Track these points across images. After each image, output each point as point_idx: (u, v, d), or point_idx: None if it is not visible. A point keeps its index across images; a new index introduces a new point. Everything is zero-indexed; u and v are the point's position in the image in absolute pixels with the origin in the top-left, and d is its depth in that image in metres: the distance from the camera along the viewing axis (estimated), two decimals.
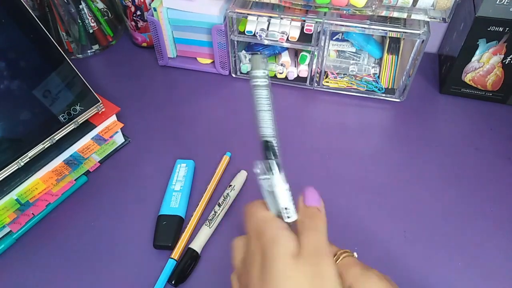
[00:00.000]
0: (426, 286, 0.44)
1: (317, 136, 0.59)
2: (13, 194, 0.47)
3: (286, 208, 0.29)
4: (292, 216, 0.30)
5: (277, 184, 0.29)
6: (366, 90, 0.64)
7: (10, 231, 0.48)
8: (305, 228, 0.29)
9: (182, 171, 0.53)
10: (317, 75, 0.64)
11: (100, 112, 0.53)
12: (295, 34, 0.59)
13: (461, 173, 0.54)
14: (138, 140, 0.59)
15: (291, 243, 0.28)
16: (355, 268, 0.30)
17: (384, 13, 0.54)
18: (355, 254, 0.32)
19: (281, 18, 0.59)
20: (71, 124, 0.50)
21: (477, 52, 0.58)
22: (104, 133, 0.53)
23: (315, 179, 0.53)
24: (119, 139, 0.57)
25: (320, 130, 0.60)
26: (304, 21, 0.58)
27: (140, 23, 0.70)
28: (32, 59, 0.47)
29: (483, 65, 0.59)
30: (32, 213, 0.48)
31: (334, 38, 0.64)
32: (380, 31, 0.56)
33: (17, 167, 0.46)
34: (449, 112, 0.63)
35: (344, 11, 0.55)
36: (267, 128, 0.27)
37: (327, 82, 0.65)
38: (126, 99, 0.64)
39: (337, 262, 0.31)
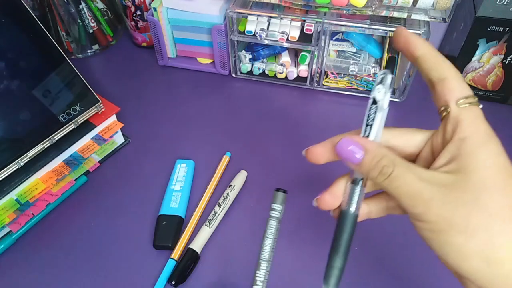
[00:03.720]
0: (426, 286, 0.44)
1: (317, 136, 0.58)
2: (13, 194, 0.47)
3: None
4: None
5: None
6: (366, 90, 0.64)
7: (10, 231, 0.48)
8: None
9: (182, 171, 0.53)
10: (317, 75, 0.64)
11: (100, 112, 0.53)
12: (295, 34, 0.59)
13: None
14: (138, 140, 0.59)
15: None
16: None
17: (384, 13, 0.54)
18: None
19: (281, 18, 0.59)
20: (71, 124, 0.50)
21: (477, 52, 0.58)
22: (104, 133, 0.53)
23: (315, 179, 0.53)
24: (119, 139, 0.57)
25: (320, 130, 0.60)
26: (304, 21, 0.58)
27: (140, 23, 0.70)
28: (32, 59, 0.47)
29: (483, 65, 0.59)
30: (32, 213, 0.48)
31: (334, 38, 0.64)
32: (380, 31, 0.56)
33: (17, 167, 0.46)
34: None
35: (344, 11, 0.55)
36: (265, 251, 0.31)
37: (327, 82, 0.65)
38: (126, 99, 0.64)
39: None
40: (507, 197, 0.22)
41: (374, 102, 0.26)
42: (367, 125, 0.26)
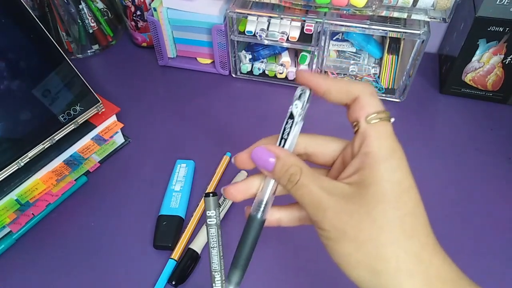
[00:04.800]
0: None
1: None
2: (13, 195, 0.47)
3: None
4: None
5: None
6: None
7: (10, 231, 0.48)
8: None
9: (182, 171, 0.53)
10: None
11: (100, 112, 0.53)
12: (295, 34, 0.59)
13: (461, 173, 0.54)
14: (138, 140, 0.59)
15: None
16: None
17: (384, 13, 0.54)
18: None
19: (281, 18, 0.59)
20: (71, 124, 0.50)
21: (477, 52, 0.58)
22: (104, 133, 0.53)
23: None
24: (119, 139, 0.57)
25: (321, 130, 0.59)
26: (304, 21, 0.58)
27: (140, 23, 0.70)
28: (31, 59, 0.47)
29: (483, 65, 0.59)
30: (32, 214, 0.48)
31: (334, 38, 0.64)
32: (380, 31, 0.56)
33: (17, 167, 0.46)
34: (449, 112, 0.63)
35: (344, 11, 0.55)
36: (214, 263, 0.32)
37: None
38: (126, 99, 0.64)
39: None
40: (398, 209, 0.23)
41: (292, 116, 0.27)
42: (282, 138, 0.27)
